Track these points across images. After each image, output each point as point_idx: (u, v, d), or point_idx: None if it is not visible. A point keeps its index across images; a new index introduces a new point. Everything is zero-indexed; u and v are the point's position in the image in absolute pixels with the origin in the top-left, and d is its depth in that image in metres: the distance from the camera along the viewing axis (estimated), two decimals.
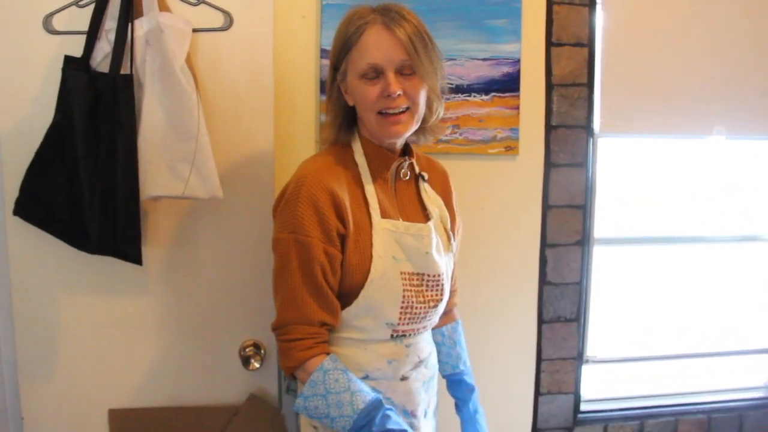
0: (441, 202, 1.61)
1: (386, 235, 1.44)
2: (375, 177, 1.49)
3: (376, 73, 1.39)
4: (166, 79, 1.57)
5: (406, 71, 1.40)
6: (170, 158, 1.59)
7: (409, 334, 1.50)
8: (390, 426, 1.34)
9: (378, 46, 1.38)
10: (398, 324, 1.46)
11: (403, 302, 1.44)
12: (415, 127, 1.47)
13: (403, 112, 1.41)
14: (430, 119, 1.52)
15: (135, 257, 1.61)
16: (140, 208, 1.59)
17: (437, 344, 1.69)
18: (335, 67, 1.47)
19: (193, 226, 1.74)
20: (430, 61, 1.41)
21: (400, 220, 1.49)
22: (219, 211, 1.73)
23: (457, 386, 1.70)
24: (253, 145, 1.74)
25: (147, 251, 1.69)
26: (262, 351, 1.79)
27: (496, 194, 2.25)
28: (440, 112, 1.53)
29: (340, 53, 1.44)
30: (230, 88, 1.71)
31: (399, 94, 1.39)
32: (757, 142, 2.60)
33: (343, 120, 1.51)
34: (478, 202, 2.22)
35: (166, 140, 1.59)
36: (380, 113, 1.41)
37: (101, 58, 1.59)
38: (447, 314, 1.69)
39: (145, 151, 1.58)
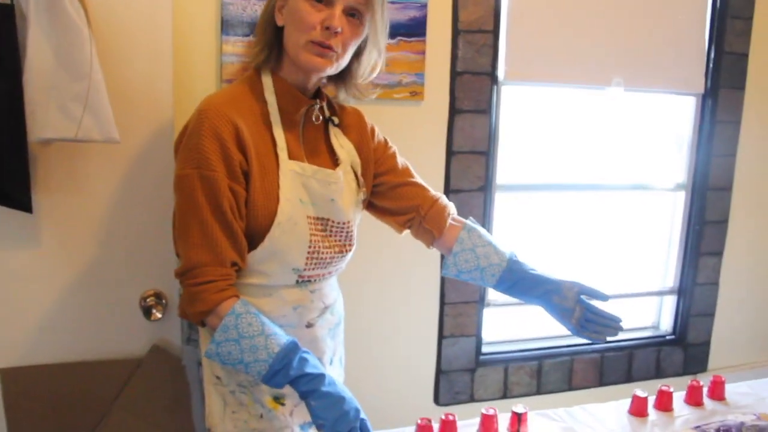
0: (352, 147, 1.58)
1: (293, 176, 1.41)
2: (284, 117, 1.45)
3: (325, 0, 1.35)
4: (53, 10, 1.46)
5: (352, 16, 1.37)
6: (60, 98, 1.50)
7: (314, 280, 1.49)
8: (308, 370, 1.31)
9: None
10: (304, 269, 1.44)
11: (310, 247, 1.43)
12: (332, 71, 1.43)
13: (331, 48, 1.37)
14: (363, 75, 1.50)
15: (24, 204, 1.54)
16: (29, 151, 1.50)
17: (464, 260, 1.59)
18: None
19: (88, 171, 1.66)
20: (381, 16, 1.40)
21: (307, 163, 1.46)
22: (115, 155, 1.66)
23: (521, 282, 1.56)
24: (151, 86, 1.68)
25: (37, 198, 1.60)
26: (164, 300, 1.75)
27: (400, 139, 2.21)
28: (377, 71, 1.51)
29: None
30: (126, 24, 1.62)
31: (338, 32, 1.35)
32: (653, 95, 2.72)
33: (267, 42, 1.45)
34: None
35: (55, 78, 1.50)
36: (311, 41, 1.36)
37: None
38: (451, 227, 1.62)
39: (33, 90, 1.48)
